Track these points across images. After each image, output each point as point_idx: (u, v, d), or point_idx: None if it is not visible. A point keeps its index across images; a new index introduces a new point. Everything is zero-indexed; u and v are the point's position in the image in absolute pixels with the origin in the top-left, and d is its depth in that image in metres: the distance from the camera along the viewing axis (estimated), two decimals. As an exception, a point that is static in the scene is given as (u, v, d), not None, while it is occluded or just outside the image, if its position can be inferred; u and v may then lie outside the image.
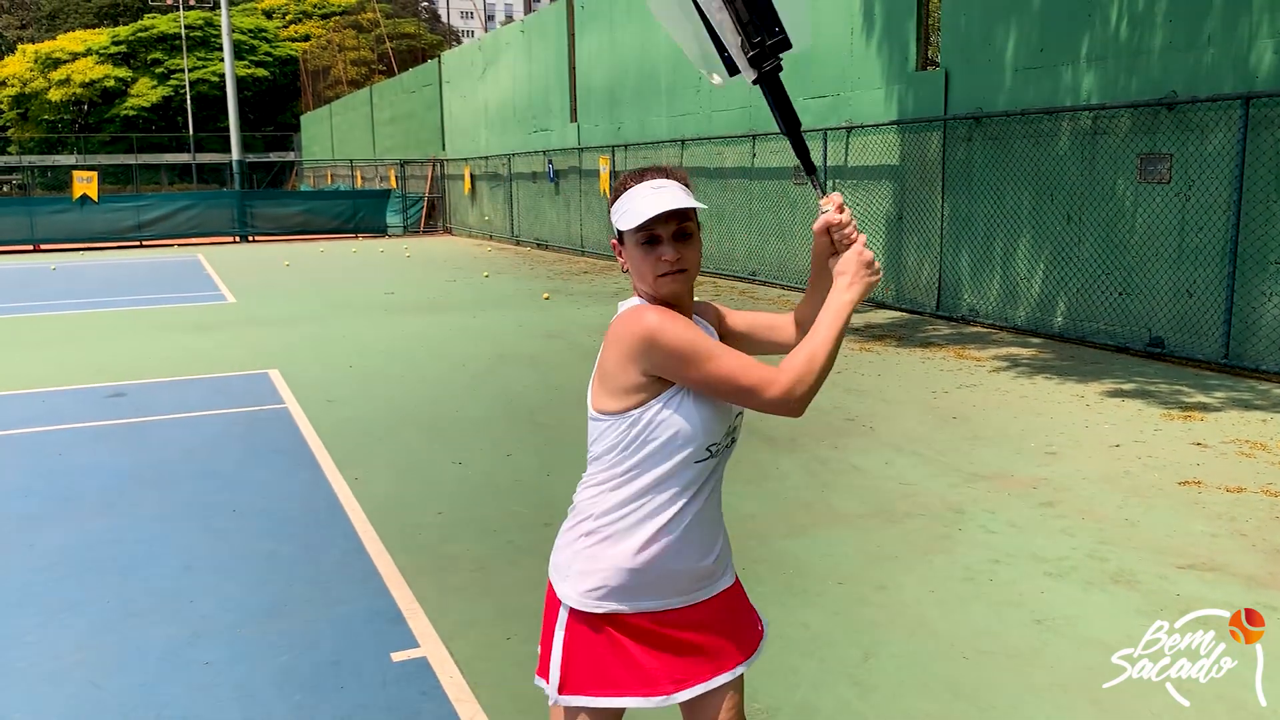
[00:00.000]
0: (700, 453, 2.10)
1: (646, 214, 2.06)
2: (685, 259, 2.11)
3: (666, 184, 2.13)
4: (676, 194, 2.10)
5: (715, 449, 2.14)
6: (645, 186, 2.13)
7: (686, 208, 2.08)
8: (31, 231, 25.76)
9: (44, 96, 60.62)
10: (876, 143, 13.02)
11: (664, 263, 2.09)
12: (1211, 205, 8.83)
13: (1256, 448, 6.41)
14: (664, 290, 2.12)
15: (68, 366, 10.00)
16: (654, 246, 2.10)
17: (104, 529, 5.35)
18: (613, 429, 2.11)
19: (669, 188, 2.11)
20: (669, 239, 2.10)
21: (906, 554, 4.82)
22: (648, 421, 2.07)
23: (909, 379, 8.69)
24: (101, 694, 3.63)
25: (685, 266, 2.11)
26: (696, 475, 2.12)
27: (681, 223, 2.10)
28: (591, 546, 2.13)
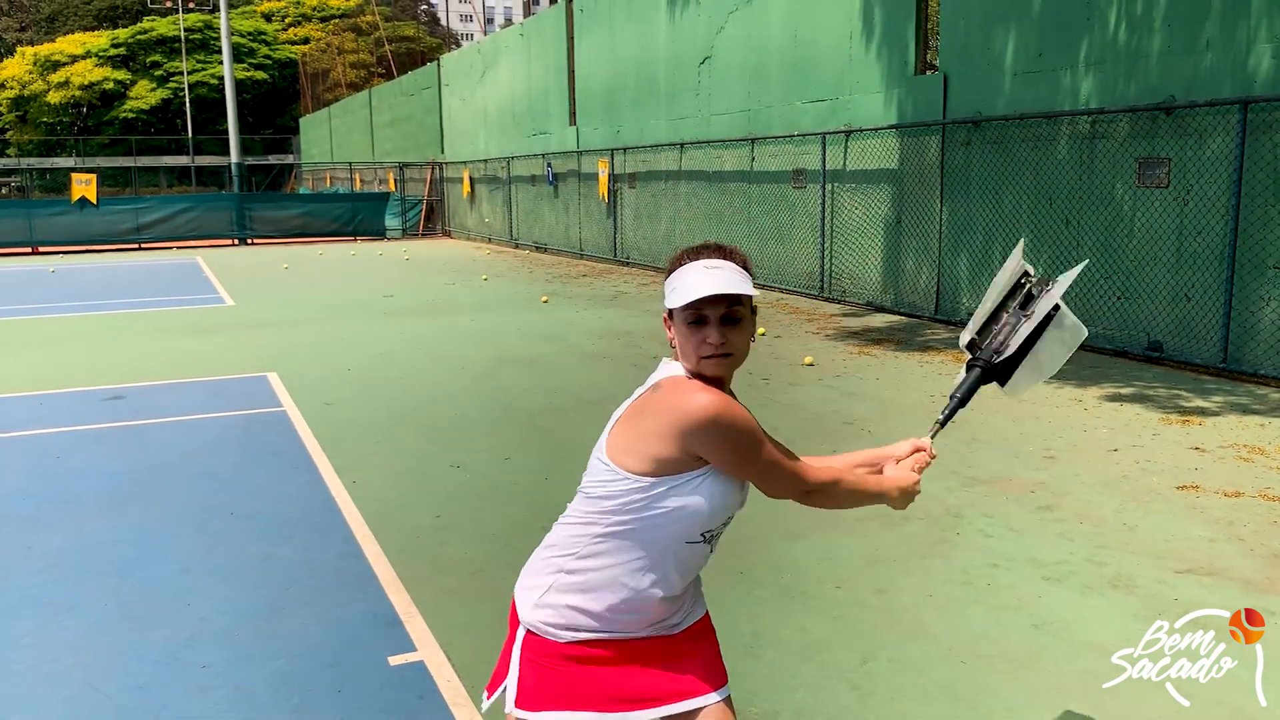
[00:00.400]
0: (694, 535, 2.10)
1: (694, 294, 2.02)
2: (731, 343, 2.07)
3: (722, 265, 2.09)
4: (729, 277, 2.06)
5: (709, 535, 2.13)
6: (699, 265, 2.09)
7: (737, 293, 2.04)
8: (30, 234, 25.75)
9: (43, 99, 60.63)
10: (875, 146, 13.04)
11: (708, 345, 2.05)
12: (1210, 209, 8.84)
13: (1255, 452, 6.41)
14: (707, 371, 2.08)
15: (66, 369, 9.99)
16: (700, 327, 2.06)
17: (102, 531, 5.35)
18: (623, 484, 2.07)
19: (724, 269, 2.08)
20: (716, 321, 2.05)
21: (904, 558, 4.82)
22: (662, 492, 2.05)
23: (907, 383, 8.70)
24: (99, 696, 3.63)
25: (730, 351, 2.07)
26: (686, 556, 2.12)
27: (731, 306, 2.06)
28: (563, 591, 2.12)
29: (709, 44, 16.88)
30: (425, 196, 31.93)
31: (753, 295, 2.10)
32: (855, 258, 13.60)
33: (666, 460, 2.03)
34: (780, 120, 15.09)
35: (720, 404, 2.01)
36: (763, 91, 15.51)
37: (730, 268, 2.09)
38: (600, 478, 2.11)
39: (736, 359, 2.09)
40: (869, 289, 13.41)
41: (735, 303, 2.06)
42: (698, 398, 2.01)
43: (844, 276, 13.91)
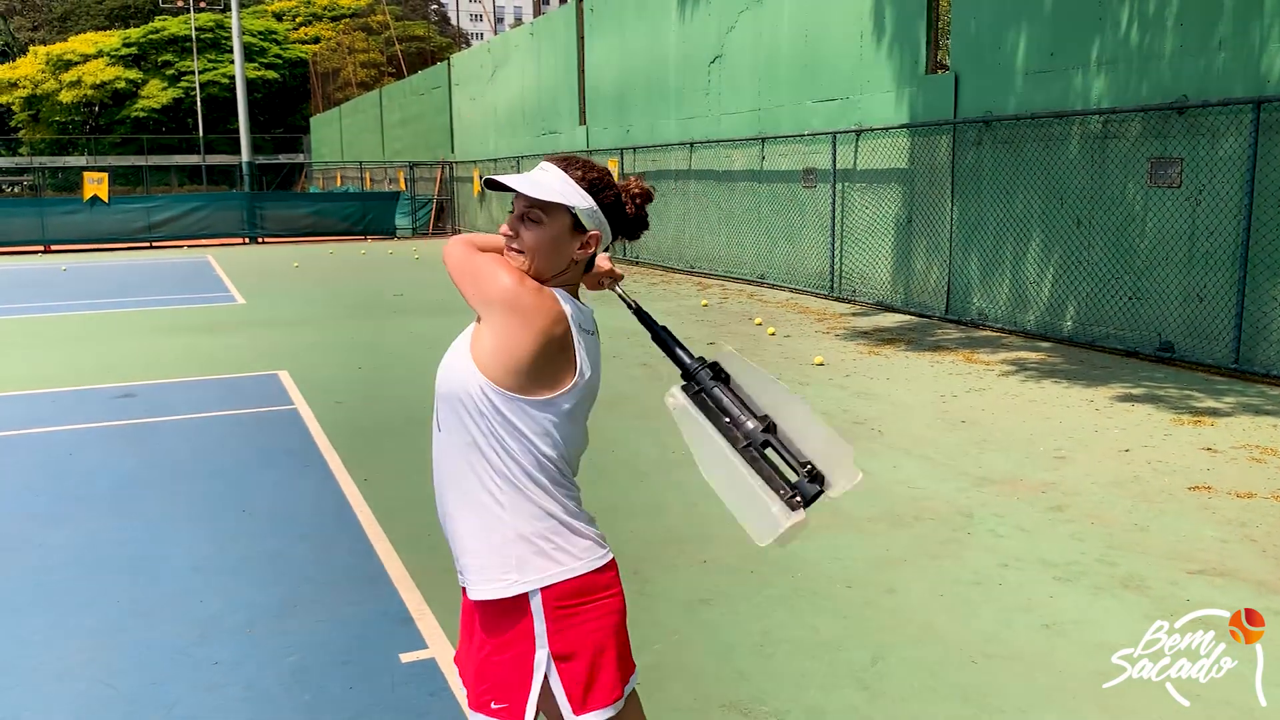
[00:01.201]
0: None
1: (495, 177, 2.09)
2: (521, 240, 2.10)
3: (550, 169, 2.12)
4: (538, 178, 2.09)
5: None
6: (539, 165, 2.15)
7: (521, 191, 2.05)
8: (43, 232, 25.85)
9: (55, 98, 60.85)
10: (886, 146, 13.01)
11: (501, 232, 2.13)
12: (1222, 210, 8.81)
13: (1267, 453, 6.39)
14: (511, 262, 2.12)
15: (78, 366, 10.04)
16: (510, 215, 2.13)
17: (113, 529, 5.37)
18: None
19: (548, 172, 2.11)
20: (516, 215, 2.11)
21: (915, 558, 4.81)
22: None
23: (918, 383, 8.68)
24: (110, 693, 3.64)
25: (519, 249, 2.10)
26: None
27: (531, 206, 2.08)
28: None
29: (719, 43, 16.87)
30: (435, 196, 31.98)
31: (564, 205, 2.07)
32: (865, 257, 13.57)
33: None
34: (790, 119, 15.07)
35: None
36: (773, 91, 15.50)
37: (556, 174, 2.10)
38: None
39: (526, 260, 2.09)
40: (879, 289, 13.39)
41: (536, 204, 2.07)
42: None
43: (854, 276, 13.89)
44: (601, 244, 2.16)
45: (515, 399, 2.03)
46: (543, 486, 2.08)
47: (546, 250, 2.09)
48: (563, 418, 2.09)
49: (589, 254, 2.16)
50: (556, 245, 2.10)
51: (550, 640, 2.05)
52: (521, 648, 2.06)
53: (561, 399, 2.07)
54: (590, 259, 2.18)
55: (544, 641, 2.05)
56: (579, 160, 2.15)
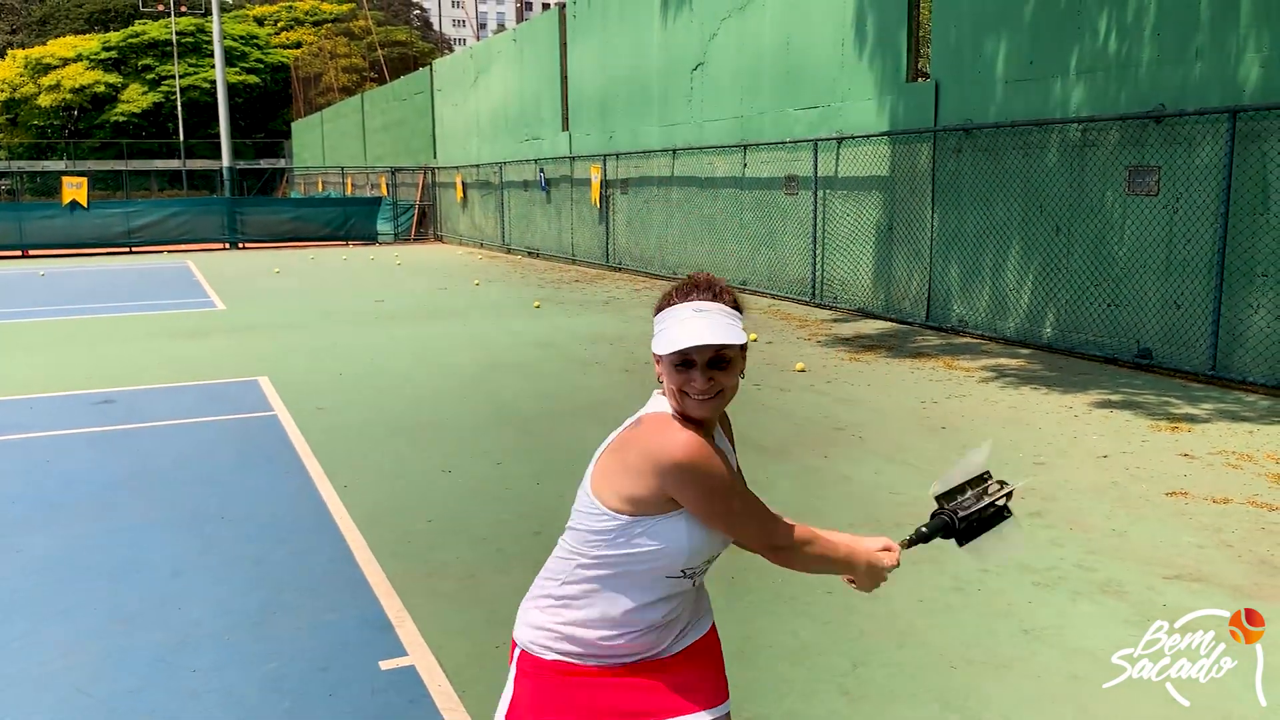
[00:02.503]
0: (674, 570, 2.07)
1: (680, 344, 1.98)
2: (719, 385, 2.02)
3: (709, 309, 2.03)
4: (716, 323, 2.00)
5: (690, 572, 2.10)
6: (687, 308, 2.04)
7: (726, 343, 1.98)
8: (20, 237, 25.67)
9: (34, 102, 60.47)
10: (867, 153, 13.08)
11: (693, 388, 2.01)
12: (1199, 218, 8.89)
13: (1243, 459, 6.45)
14: (694, 413, 2.03)
15: (57, 372, 9.96)
16: (687, 370, 2.00)
17: (92, 535, 5.33)
18: (602, 519, 2.05)
19: (711, 313, 2.02)
20: (703, 366, 2.00)
21: (895, 563, 4.82)
22: (640, 531, 2.03)
23: (898, 389, 8.72)
24: (89, 700, 3.62)
25: (719, 391, 2.03)
26: (666, 587, 2.09)
27: (719, 350, 2.00)
28: (551, 609, 2.12)
29: (702, 50, 16.92)
30: (417, 201, 31.91)
31: (743, 342, 2.03)
32: (847, 264, 13.63)
33: (642, 499, 2.00)
34: (772, 127, 15.12)
35: (695, 448, 1.97)
36: (755, 98, 15.55)
37: (718, 310, 2.04)
38: (584, 510, 2.09)
39: (724, 399, 2.05)
40: (860, 295, 13.44)
41: (724, 346, 2.00)
42: (675, 439, 1.97)
43: (835, 283, 13.94)
44: None
45: None
46: None
47: (737, 386, 2.08)
48: None
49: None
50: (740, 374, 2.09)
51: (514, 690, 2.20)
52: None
53: None
54: None
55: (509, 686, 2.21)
56: (717, 282, 2.11)
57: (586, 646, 2.09)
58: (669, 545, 2.02)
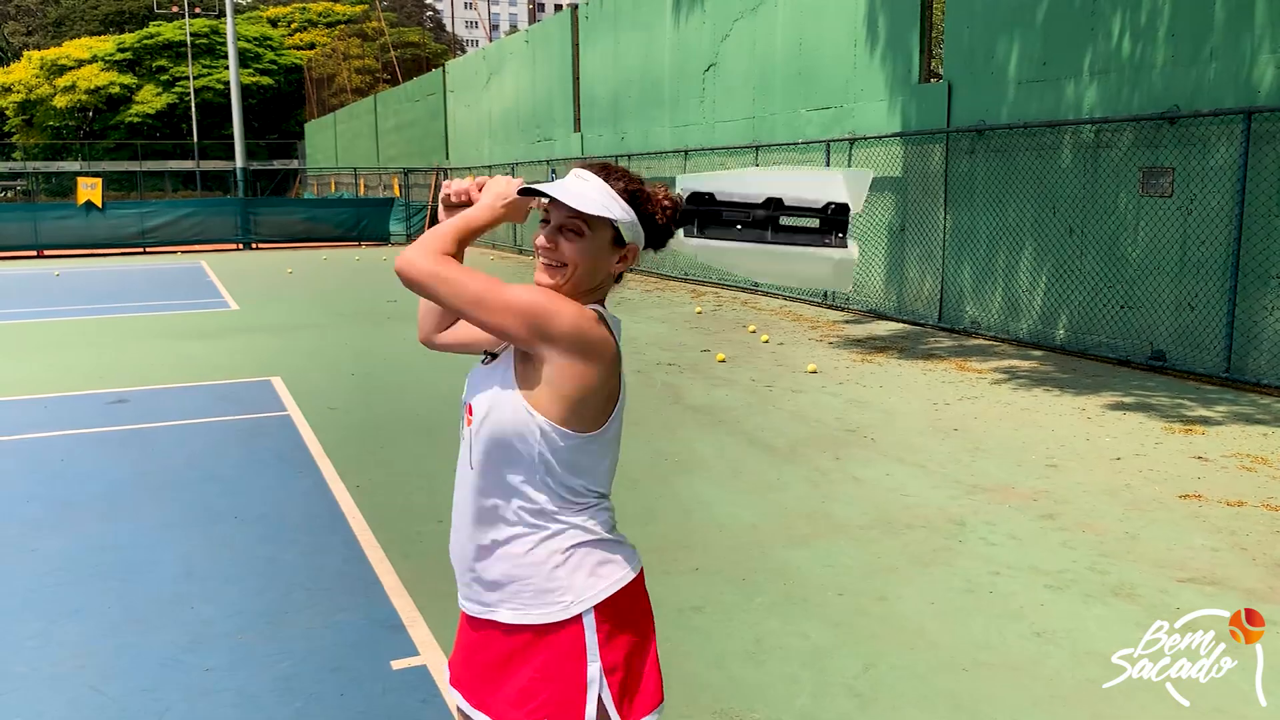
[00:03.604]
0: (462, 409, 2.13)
1: (533, 186, 1.98)
2: (562, 254, 1.98)
3: (590, 179, 1.99)
4: (582, 189, 1.96)
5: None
6: (574, 171, 2.03)
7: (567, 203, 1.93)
8: (36, 237, 25.81)
9: (49, 103, 60.79)
10: (880, 154, 13.05)
11: (538, 242, 2.01)
12: (1213, 219, 8.85)
13: (1258, 462, 6.41)
14: (538, 276, 2.01)
15: (71, 372, 10.02)
16: (544, 228, 2.01)
17: (106, 535, 5.36)
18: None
19: (588, 182, 1.98)
20: (554, 227, 1.99)
21: (907, 565, 4.82)
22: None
23: (910, 391, 8.70)
24: (102, 699, 3.64)
25: (560, 261, 1.99)
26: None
27: (573, 218, 1.97)
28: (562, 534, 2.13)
29: (714, 51, 16.91)
30: (430, 202, 31.97)
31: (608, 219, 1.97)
32: (859, 265, 13.57)
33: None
34: (785, 128, 15.11)
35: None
36: (767, 99, 15.54)
37: (597, 184, 1.98)
38: None
39: (565, 274, 1.98)
40: (872, 297, 13.42)
41: (578, 216, 1.96)
42: None
43: (847, 284, 13.89)
44: (637, 257, 2.08)
45: (579, 436, 1.99)
46: (590, 508, 2.06)
47: (588, 265, 2.00)
48: (613, 440, 2.07)
49: (626, 268, 2.08)
50: (597, 259, 2.01)
51: (602, 654, 2.01)
52: (572, 666, 2.01)
53: (612, 423, 2.04)
54: (622, 273, 2.10)
55: (595, 656, 2.01)
56: (618, 169, 2.06)
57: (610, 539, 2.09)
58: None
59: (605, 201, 1.97)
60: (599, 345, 1.96)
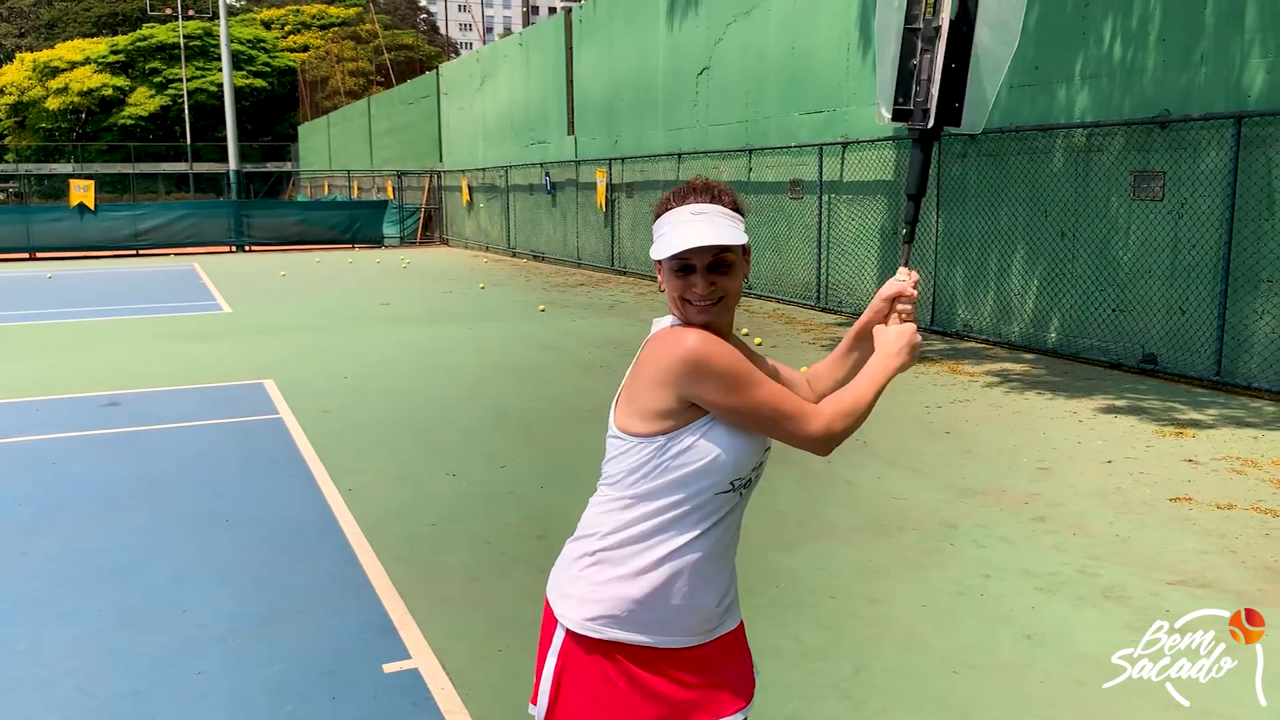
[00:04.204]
0: (723, 485, 1.99)
1: (678, 246, 1.93)
2: (721, 289, 1.98)
3: (708, 210, 1.98)
4: (715, 224, 1.96)
5: (739, 484, 2.01)
6: (685, 211, 1.99)
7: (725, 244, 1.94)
8: (28, 239, 25.75)
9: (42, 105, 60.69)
10: (872, 158, 13.08)
11: (694, 293, 1.97)
12: (1204, 223, 8.88)
13: (1248, 465, 6.44)
14: (695, 319, 1.99)
15: (63, 375, 10.00)
16: (687, 275, 1.97)
17: (97, 537, 5.35)
18: (634, 451, 1.98)
19: (710, 214, 1.98)
20: (703, 270, 1.96)
21: (898, 568, 4.83)
22: (676, 450, 1.95)
23: (902, 394, 8.72)
24: (93, 703, 3.63)
25: (721, 295, 1.99)
26: (716, 507, 2.00)
27: (719, 254, 1.96)
28: (592, 567, 2.01)
29: (707, 55, 16.94)
30: (423, 205, 31.97)
31: (744, 243, 2.00)
32: (851, 268, 13.63)
33: (667, 412, 1.94)
34: (778, 131, 15.13)
35: (702, 341, 1.92)
36: (760, 102, 15.56)
37: (717, 211, 1.99)
38: (612, 452, 2.03)
39: (727, 303, 2.00)
40: (865, 299, 13.43)
41: (724, 249, 1.97)
42: (683, 338, 1.93)
43: (840, 287, 13.94)
44: None
45: None
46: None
47: (740, 289, 2.03)
48: None
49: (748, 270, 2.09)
50: (742, 278, 2.05)
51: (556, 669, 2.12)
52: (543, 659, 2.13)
53: None
54: None
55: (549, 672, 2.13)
56: (714, 184, 2.05)
57: (641, 611, 1.98)
58: (707, 456, 1.94)
59: (735, 224, 2.01)
60: None
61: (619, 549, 2.00)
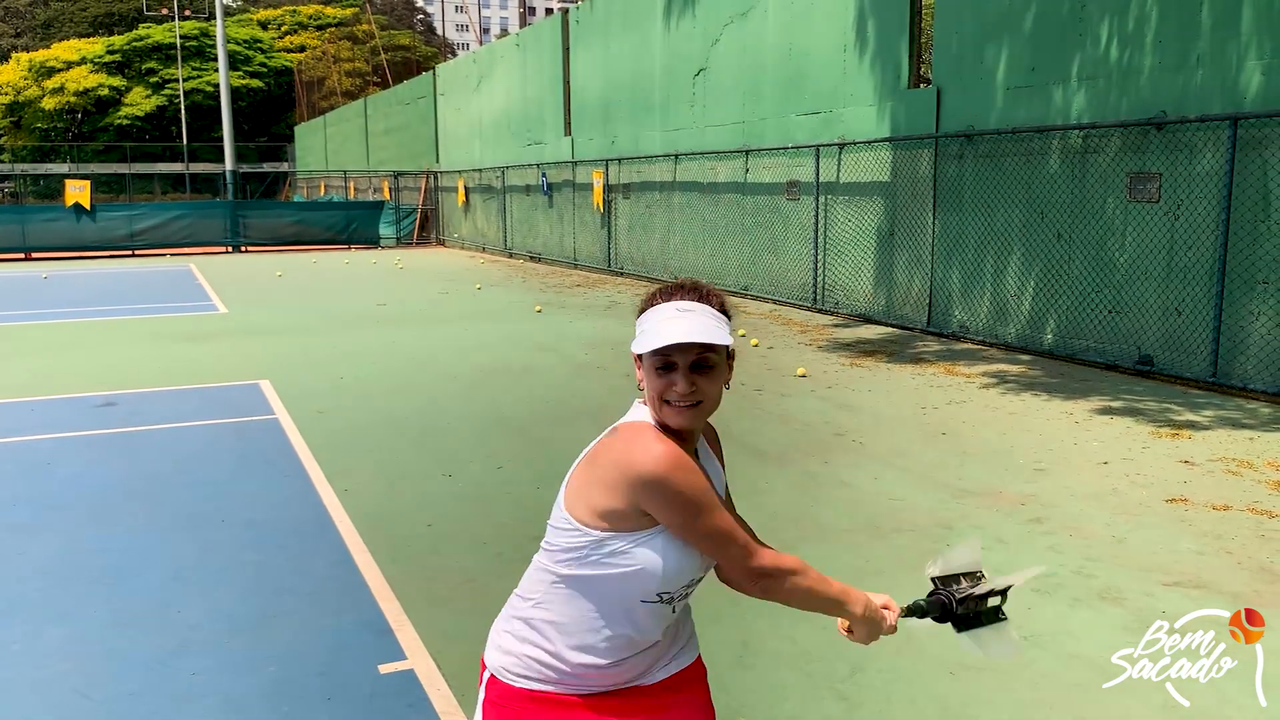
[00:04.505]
0: (650, 596, 1.93)
1: (661, 340, 1.88)
2: (701, 392, 1.91)
3: (694, 309, 1.93)
4: (702, 322, 1.90)
5: (667, 597, 1.96)
6: (670, 307, 1.95)
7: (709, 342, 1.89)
8: (23, 239, 25.72)
9: (38, 105, 60.58)
10: (869, 159, 13.09)
11: (674, 393, 1.90)
12: (1200, 224, 8.89)
13: (1243, 466, 6.44)
14: (671, 421, 1.92)
15: (58, 375, 9.98)
16: (668, 374, 1.90)
17: (93, 538, 5.34)
18: (574, 536, 1.93)
19: (696, 313, 1.92)
20: (685, 369, 1.90)
21: (894, 569, 4.83)
22: (613, 550, 1.91)
23: (899, 395, 8.72)
24: (88, 703, 3.62)
25: (699, 400, 1.92)
26: (643, 615, 1.96)
27: (702, 353, 1.90)
28: (524, 633, 2.01)
29: (704, 56, 16.94)
30: (420, 205, 31.95)
31: (728, 344, 1.94)
32: (848, 269, 13.64)
33: (615, 513, 1.89)
34: (774, 132, 15.14)
35: (670, 459, 1.85)
36: (757, 104, 15.57)
37: (703, 311, 1.94)
38: (557, 525, 1.98)
39: (705, 408, 1.93)
40: (861, 301, 13.45)
41: (707, 349, 1.91)
42: (650, 450, 1.86)
43: (837, 288, 13.95)
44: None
45: None
46: None
47: (720, 392, 1.97)
48: None
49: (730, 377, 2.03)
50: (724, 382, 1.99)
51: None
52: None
53: None
54: None
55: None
56: (704, 286, 2.02)
57: (560, 672, 1.97)
58: (644, 566, 1.90)
59: (720, 325, 1.95)
60: None
61: (545, 625, 1.98)
